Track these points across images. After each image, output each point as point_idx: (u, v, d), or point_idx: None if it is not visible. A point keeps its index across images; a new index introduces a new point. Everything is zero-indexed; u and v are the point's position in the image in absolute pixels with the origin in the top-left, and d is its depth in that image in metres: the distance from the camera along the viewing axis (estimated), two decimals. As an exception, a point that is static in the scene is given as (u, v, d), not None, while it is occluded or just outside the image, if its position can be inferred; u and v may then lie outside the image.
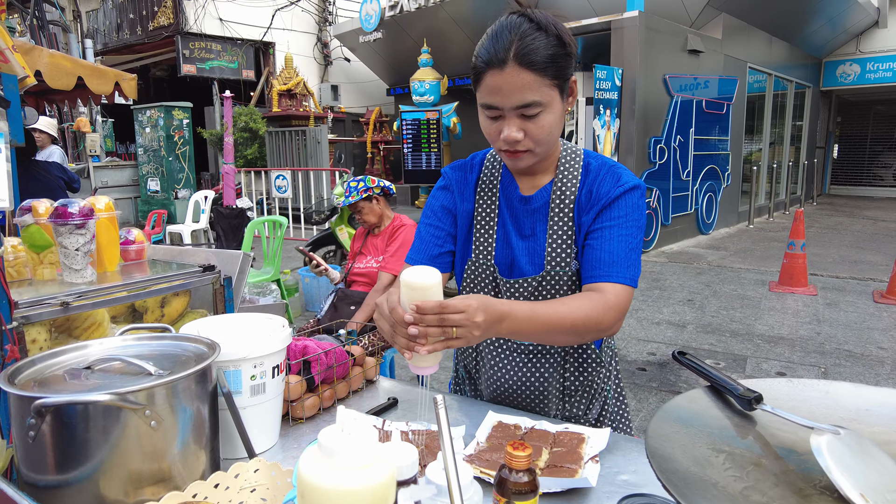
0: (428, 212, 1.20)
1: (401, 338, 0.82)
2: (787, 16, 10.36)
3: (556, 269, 1.08)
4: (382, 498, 0.44)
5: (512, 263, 1.12)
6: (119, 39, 12.23)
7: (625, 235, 1.04)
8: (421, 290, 0.81)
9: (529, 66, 0.93)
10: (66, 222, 1.29)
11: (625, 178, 1.07)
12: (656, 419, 0.72)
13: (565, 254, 1.09)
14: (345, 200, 2.82)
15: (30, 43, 3.83)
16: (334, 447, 0.44)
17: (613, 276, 1.01)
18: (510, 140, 0.99)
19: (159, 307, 1.49)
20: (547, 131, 0.99)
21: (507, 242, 1.13)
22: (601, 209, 1.06)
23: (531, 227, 1.12)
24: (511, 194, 1.14)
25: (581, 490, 0.86)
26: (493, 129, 1.01)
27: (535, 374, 1.14)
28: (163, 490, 0.74)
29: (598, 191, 1.08)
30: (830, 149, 15.67)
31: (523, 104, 0.95)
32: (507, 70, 0.94)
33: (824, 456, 0.64)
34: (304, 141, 10.15)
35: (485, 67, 0.96)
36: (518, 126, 0.98)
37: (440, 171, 1.23)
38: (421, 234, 1.18)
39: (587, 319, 0.95)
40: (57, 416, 0.69)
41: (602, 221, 1.05)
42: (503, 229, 1.14)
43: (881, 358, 3.92)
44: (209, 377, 0.82)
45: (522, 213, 1.13)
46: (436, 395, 0.49)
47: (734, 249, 8.00)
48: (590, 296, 0.99)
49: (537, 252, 1.10)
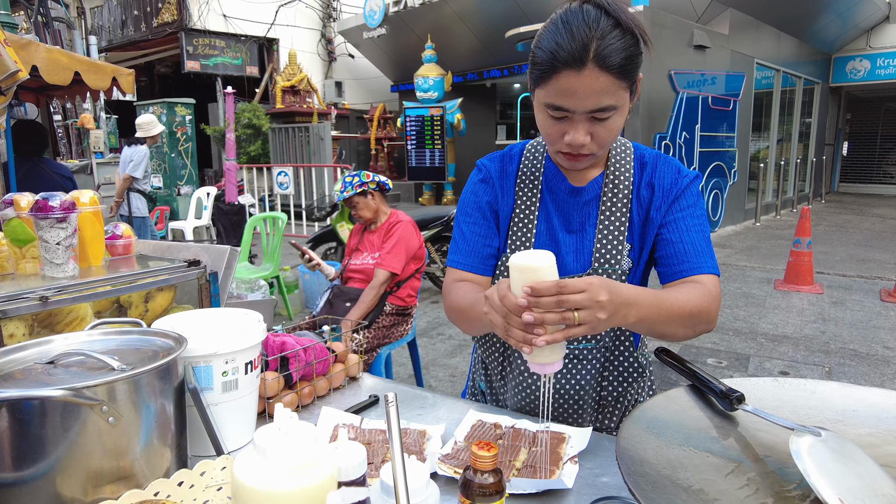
0: (468, 209, 1.10)
1: (515, 329, 0.72)
2: (796, 11, 10.24)
3: (603, 268, 1.02)
4: (318, 499, 0.42)
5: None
6: (123, 36, 12.28)
7: (699, 225, 1.02)
8: (534, 271, 0.71)
9: (609, 70, 0.85)
10: (46, 216, 1.27)
11: (684, 168, 1.06)
12: (630, 419, 0.70)
13: (616, 251, 1.02)
14: (339, 195, 2.80)
15: (35, 40, 3.83)
16: (268, 447, 0.41)
17: (705, 268, 0.98)
18: (576, 144, 0.92)
19: (143, 302, 1.48)
20: (614, 135, 0.93)
21: (552, 238, 1.06)
22: (672, 202, 1.03)
23: (580, 222, 1.05)
24: (558, 186, 1.06)
25: (558, 491, 0.83)
26: (556, 129, 0.93)
27: (572, 382, 1.06)
28: (123, 488, 0.72)
29: (661, 184, 1.04)
30: (840, 146, 15.49)
31: (598, 108, 0.88)
32: (586, 72, 0.85)
33: (803, 458, 0.61)
34: (308, 137, 10.15)
35: (558, 66, 0.86)
36: (586, 130, 0.91)
37: (477, 165, 1.13)
38: (465, 235, 1.08)
39: (701, 309, 0.90)
40: (11, 412, 0.67)
41: (674, 212, 1.02)
42: (546, 224, 1.06)
43: (887, 358, 3.86)
44: (174, 372, 0.80)
45: (572, 206, 1.05)
46: (387, 393, 0.47)
47: (740, 247, 7.93)
48: (696, 286, 0.95)
49: (585, 248, 1.04)
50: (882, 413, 0.72)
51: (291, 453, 0.42)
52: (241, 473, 0.42)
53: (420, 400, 1.16)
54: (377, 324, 2.73)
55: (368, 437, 0.96)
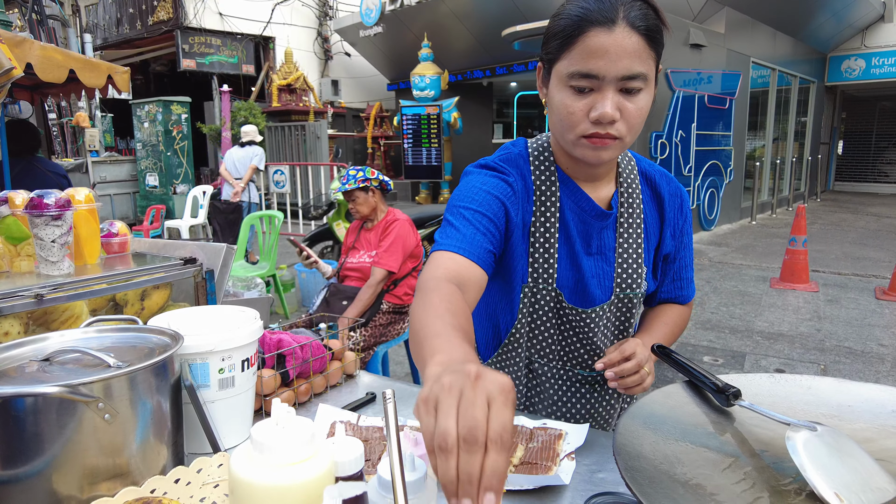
0: (479, 197, 0.90)
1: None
2: (792, 10, 10.27)
3: (625, 293, 0.98)
4: (315, 494, 0.42)
5: (577, 286, 0.97)
6: (119, 34, 12.22)
7: (691, 253, 1.09)
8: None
9: (639, 31, 0.79)
10: (41, 213, 1.26)
11: (681, 188, 1.07)
12: (627, 415, 0.70)
13: (636, 274, 0.98)
14: (341, 186, 2.77)
15: (29, 38, 3.81)
16: (265, 442, 0.41)
17: (690, 296, 1.10)
18: (605, 118, 0.81)
19: (139, 300, 1.47)
20: (643, 115, 0.84)
21: (574, 262, 0.97)
22: (680, 233, 1.06)
23: (598, 245, 0.98)
24: (581, 207, 0.96)
25: (555, 488, 0.83)
26: (581, 106, 0.82)
27: (603, 403, 1.08)
28: (119, 485, 0.72)
29: (669, 208, 1.03)
30: (835, 145, 15.55)
31: (630, 74, 0.80)
32: (618, 30, 0.78)
33: (799, 453, 0.61)
34: (304, 136, 10.13)
35: (585, 25, 0.79)
36: (615, 103, 0.81)
37: (488, 164, 0.96)
38: (469, 220, 0.88)
39: (682, 330, 1.09)
40: (6, 409, 0.67)
41: (681, 249, 1.08)
42: (567, 246, 0.97)
43: (881, 355, 3.88)
44: (171, 369, 0.79)
45: (595, 229, 0.97)
46: (385, 390, 0.47)
47: (736, 246, 7.95)
48: (680, 310, 1.09)
49: (606, 273, 0.98)
50: (877, 408, 0.73)
51: (289, 448, 0.41)
52: (238, 468, 0.42)
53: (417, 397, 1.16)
54: (374, 322, 2.73)
55: (365, 433, 0.96)
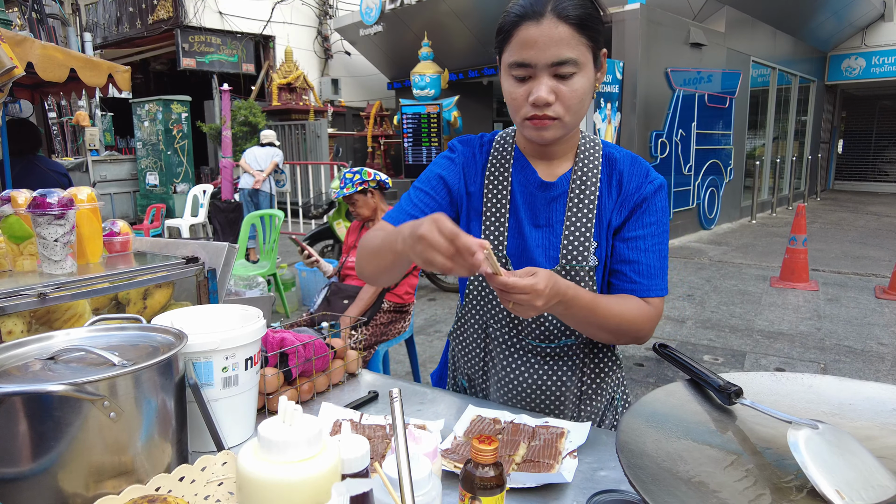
0: (424, 178, 1.09)
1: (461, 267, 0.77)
2: (792, 9, 10.26)
3: (571, 264, 1.02)
4: (322, 491, 0.42)
5: (523, 255, 1.05)
6: (118, 33, 12.20)
7: (659, 244, 1.04)
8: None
9: (567, 20, 0.89)
10: (44, 212, 1.27)
11: (652, 173, 1.06)
12: (630, 413, 0.70)
13: (583, 247, 1.02)
14: (339, 192, 2.78)
15: (30, 37, 3.81)
16: (273, 439, 0.42)
17: (654, 291, 1.03)
18: (540, 101, 0.91)
19: (142, 299, 1.47)
20: (579, 97, 0.93)
21: (520, 232, 1.05)
22: (633, 209, 1.03)
23: (546, 217, 1.05)
24: (527, 179, 1.06)
25: (557, 486, 0.83)
26: (521, 92, 0.94)
27: (553, 378, 1.08)
28: (125, 483, 0.72)
29: (627, 185, 1.04)
30: (835, 144, 15.55)
31: (559, 60, 0.90)
32: (545, 22, 0.89)
33: (801, 451, 0.62)
34: (304, 135, 10.12)
35: (518, 20, 0.91)
36: (550, 87, 0.91)
37: (448, 144, 1.13)
38: (410, 198, 1.07)
39: (632, 324, 0.98)
40: (12, 408, 0.67)
41: (636, 229, 1.03)
42: (515, 218, 1.05)
43: (881, 354, 3.89)
44: (175, 368, 0.80)
45: (540, 201, 1.05)
46: (392, 389, 0.47)
47: (736, 245, 7.96)
48: (640, 303, 1.01)
49: (552, 244, 1.04)
50: (878, 406, 0.73)
51: (296, 445, 0.42)
52: (246, 465, 0.42)
53: (419, 396, 1.17)
54: (375, 321, 2.74)
55: (368, 432, 0.96)
